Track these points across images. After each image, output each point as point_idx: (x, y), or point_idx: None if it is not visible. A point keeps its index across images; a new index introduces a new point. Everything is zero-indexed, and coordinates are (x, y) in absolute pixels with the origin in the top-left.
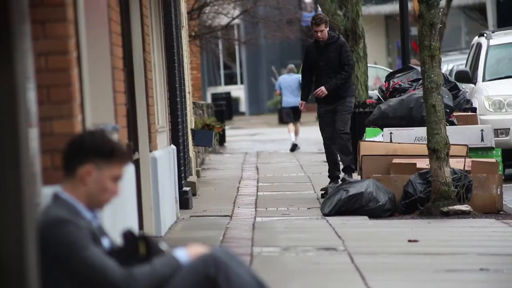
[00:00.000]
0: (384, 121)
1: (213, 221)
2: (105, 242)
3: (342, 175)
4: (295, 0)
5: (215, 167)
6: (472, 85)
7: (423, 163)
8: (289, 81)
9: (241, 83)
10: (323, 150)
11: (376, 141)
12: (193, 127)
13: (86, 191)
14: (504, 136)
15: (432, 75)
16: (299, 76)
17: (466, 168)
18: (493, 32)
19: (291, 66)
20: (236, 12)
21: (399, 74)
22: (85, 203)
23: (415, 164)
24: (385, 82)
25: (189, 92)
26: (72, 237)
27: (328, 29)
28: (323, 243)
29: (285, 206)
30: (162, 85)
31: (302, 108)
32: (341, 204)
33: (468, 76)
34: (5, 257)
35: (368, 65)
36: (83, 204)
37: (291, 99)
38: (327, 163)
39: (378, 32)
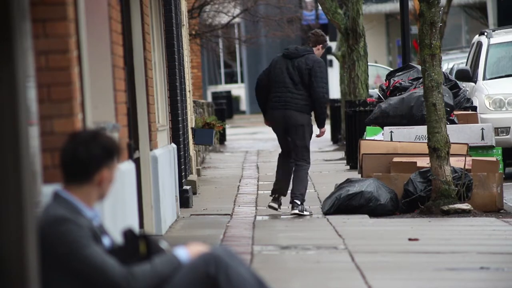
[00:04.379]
0: (385, 120)
1: (213, 219)
2: (106, 241)
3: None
4: None
5: (216, 166)
6: (473, 84)
7: (423, 162)
8: None
9: (242, 82)
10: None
11: (377, 139)
12: (193, 126)
13: (101, 192)
14: (504, 134)
15: (433, 74)
16: None
17: (466, 167)
18: (493, 30)
19: None
20: (237, 10)
21: (400, 73)
22: (94, 202)
23: (415, 162)
24: (386, 81)
25: (189, 91)
26: (72, 236)
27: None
28: (324, 242)
29: (286, 205)
30: (163, 84)
31: None
32: (340, 203)
33: (468, 75)
34: (6, 255)
35: (369, 63)
36: (83, 203)
37: None
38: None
39: (379, 30)
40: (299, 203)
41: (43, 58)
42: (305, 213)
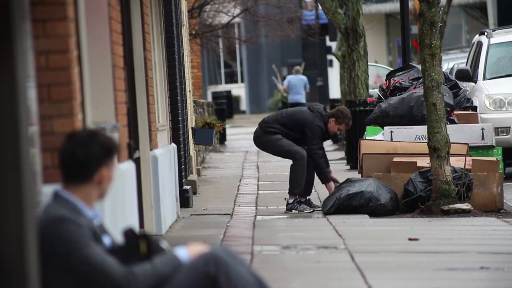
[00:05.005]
0: (385, 120)
1: (213, 219)
2: (106, 241)
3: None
4: None
5: (216, 166)
6: (473, 84)
7: (423, 162)
8: (295, 81)
9: (242, 81)
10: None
11: (377, 139)
12: (193, 126)
13: (101, 191)
14: (504, 134)
15: (433, 74)
16: (304, 77)
17: (466, 167)
18: (493, 30)
19: (297, 68)
20: (237, 10)
21: (400, 73)
22: (94, 201)
23: (415, 162)
24: (386, 81)
25: (189, 91)
26: (72, 236)
27: None
28: (324, 242)
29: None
30: (163, 84)
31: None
32: (340, 203)
33: (468, 75)
34: (6, 255)
35: (369, 63)
36: (84, 203)
37: (295, 96)
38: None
39: (379, 30)
40: (290, 201)
41: (43, 58)
42: (293, 211)
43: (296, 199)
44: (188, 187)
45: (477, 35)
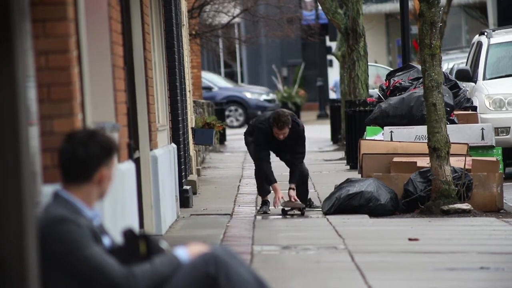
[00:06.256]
0: (385, 120)
1: (213, 219)
2: (106, 241)
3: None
4: None
5: (216, 166)
6: (473, 84)
7: (423, 162)
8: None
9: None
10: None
11: (377, 139)
12: (193, 126)
13: (100, 191)
14: (504, 134)
15: (433, 74)
16: None
17: (466, 167)
18: (493, 30)
19: None
20: (237, 10)
21: (400, 73)
22: (94, 201)
23: (415, 162)
24: (386, 81)
25: (189, 91)
26: (72, 236)
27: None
28: (324, 242)
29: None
30: (163, 84)
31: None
32: (340, 203)
33: (468, 75)
34: (6, 255)
35: (369, 63)
36: (84, 203)
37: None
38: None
39: (379, 30)
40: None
41: (43, 58)
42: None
43: (309, 202)
44: (188, 187)
45: (477, 35)
